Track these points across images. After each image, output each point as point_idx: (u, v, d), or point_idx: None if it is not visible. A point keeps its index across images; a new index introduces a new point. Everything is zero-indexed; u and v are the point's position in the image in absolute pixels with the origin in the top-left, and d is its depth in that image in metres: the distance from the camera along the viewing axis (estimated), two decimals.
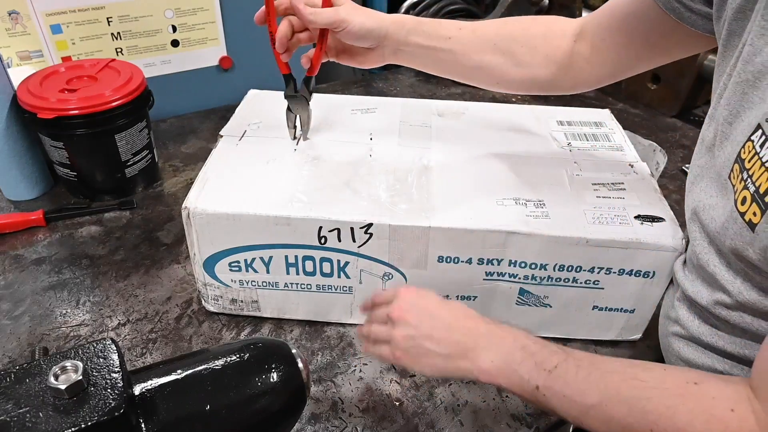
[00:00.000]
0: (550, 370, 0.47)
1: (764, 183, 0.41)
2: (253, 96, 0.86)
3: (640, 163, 0.72)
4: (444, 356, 0.52)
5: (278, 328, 0.70)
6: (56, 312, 0.71)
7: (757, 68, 0.45)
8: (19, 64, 0.98)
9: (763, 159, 0.42)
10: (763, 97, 0.44)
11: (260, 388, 0.43)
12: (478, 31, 0.68)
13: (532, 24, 0.70)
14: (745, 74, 0.46)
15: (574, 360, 0.48)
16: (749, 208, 0.43)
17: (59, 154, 0.85)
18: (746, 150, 0.44)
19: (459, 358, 0.51)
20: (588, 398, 0.46)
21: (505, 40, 0.68)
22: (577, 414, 0.47)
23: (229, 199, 0.63)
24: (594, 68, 0.66)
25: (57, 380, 0.35)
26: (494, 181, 0.68)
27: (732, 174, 0.46)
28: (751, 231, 0.42)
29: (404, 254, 0.63)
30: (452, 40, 0.67)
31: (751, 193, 0.42)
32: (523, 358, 0.49)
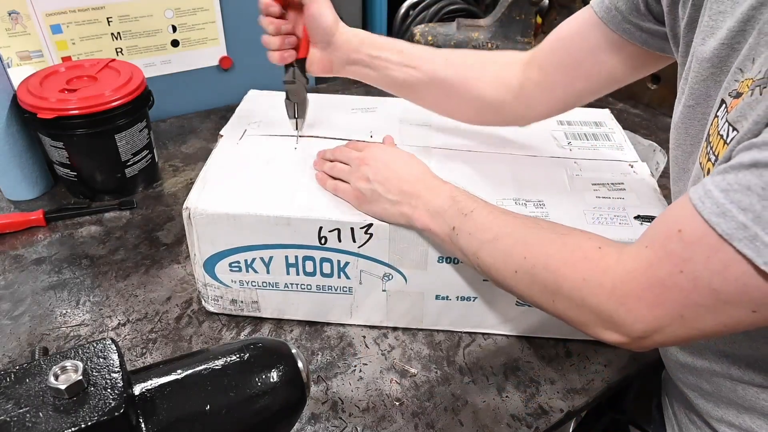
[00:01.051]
0: (467, 214, 0.55)
1: (722, 151, 0.42)
2: (253, 96, 0.86)
3: (640, 163, 0.72)
4: (391, 202, 0.60)
5: (278, 328, 0.70)
6: (56, 312, 0.71)
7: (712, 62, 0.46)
8: (19, 64, 0.98)
9: (719, 128, 0.43)
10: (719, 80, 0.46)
11: (260, 388, 0.43)
12: (430, 50, 0.71)
13: (484, 52, 0.73)
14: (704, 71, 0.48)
15: (490, 207, 0.55)
16: None
17: (59, 154, 0.85)
18: (713, 126, 0.45)
19: (403, 204, 0.59)
20: (487, 234, 0.53)
21: (457, 57, 0.70)
22: (474, 250, 0.54)
23: (229, 199, 0.63)
24: (543, 93, 0.66)
25: (57, 380, 0.35)
26: (494, 181, 0.68)
27: (701, 154, 0.47)
28: None
29: (404, 254, 0.63)
30: (403, 53, 0.69)
31: (713, 163, 0.43)
32: (450, 206, 0.57)
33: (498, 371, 0.66)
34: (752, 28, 0.42)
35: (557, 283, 0.47)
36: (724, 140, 0.42)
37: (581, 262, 0.46)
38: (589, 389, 0.64)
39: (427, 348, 0.68)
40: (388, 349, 0.68)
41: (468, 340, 0.69)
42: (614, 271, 0.43)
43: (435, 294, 0.66)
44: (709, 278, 0.38)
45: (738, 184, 0.36)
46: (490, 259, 0.53)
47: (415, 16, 1.42)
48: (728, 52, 0.45)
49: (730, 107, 0.42)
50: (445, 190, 0.59)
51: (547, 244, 0.49)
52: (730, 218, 0.36)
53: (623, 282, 0.42)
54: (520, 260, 0.50)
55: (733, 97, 0.42)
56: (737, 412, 0.51)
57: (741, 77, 0.42)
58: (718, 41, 0.46)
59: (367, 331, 0.70)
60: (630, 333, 0.43)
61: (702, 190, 0.39)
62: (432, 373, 0.65)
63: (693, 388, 0.56)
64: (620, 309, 0.42)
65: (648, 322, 0.42)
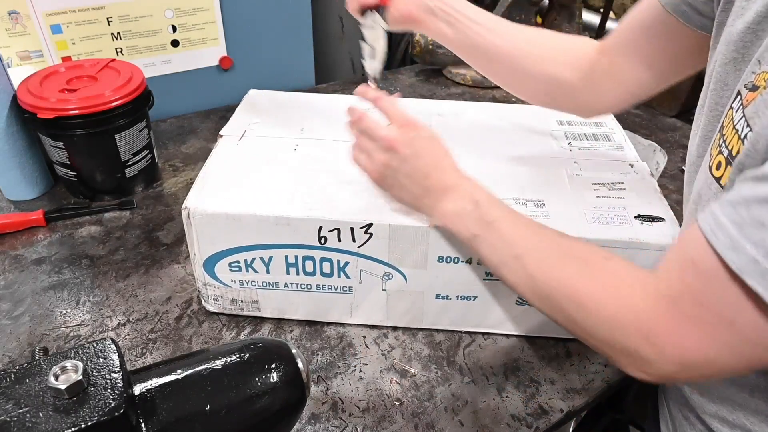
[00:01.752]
0: (490, 222, 0.53)
1: (735, 145, 0.41)
2: (253, 96, 0.86)
3: (640, 163, 0.72)
4: (413, 194, 0.59)
5: (278, 328, 0.70)
6: (56, 312, 0.71)
7: (737, 45, 0.46)
8: (19, 64, 0.98)
9: (735, 122, 0.42)
10: (740, 68, 0.45)
11: (260, 388, 0.43)
12: (507, 22, 0.69)
13: (561, 35, 0.71)
14: (729, 54, 0.47)
15: (514, 217, 0.54)
16: (724, 173, 0.43)
17: (59, 154, 0.85)
18: (727, 118, 0.44)
19: (424, 197, 0.58)
20: (513, 249, 0.52)
21: (537, 34, 0.69)
22: (498, 263, 0.53)
23: (229, 199, 0.63)
24: (612, 83, 0.66)
25: (57, 380, 0.35)
26: (494, 181, 0.67)
27: (713, 144, 0.46)
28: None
29: (404, 254, 0.63)
30: (485, 15, 0.68)
31: (725, 156, 0.43)
32: (473, 210, 0.55)
33: (498, 371, 0.66)
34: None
35: (584, 316, 0.46)
36: (739, 136, 0.41)
37: (611, 299, 0.45)
38: (589, 389, 0.64)
39: (427, 348, 0.68)
40: (388, 349, 0.68)
41: (468, 340, 0.69)
42: (641, 308, 0.42)
43: (435, 293, 0.66)
44: (730, 314, 0.37)
45: (751, 219, 0.36)
46: (514, 277, 0.52)
47: None
48: (752, 38, 0.44)
49: (745, 100, 0.41)
50: (468, 190, 0.57)
51: (575, 274, 0.47)
52: (742, 253, 0.36)
53: (650, 320, 0.42)
54: (546, 286, 0.48)
55: (749, 90, 0.41)
56: (731, 408, 0.51)
57: (758, 69, 0.41)
58: (744, 24, 0.45)
59: (367, 331, 0.70)
60: (656, 372, 0.43)
61: (713, 221, 0.38)
62: (432, 373, 0.65)
63: (687, 384, 0.56)
64: (648, 348, 0.42)
65: (674, 361, 0.41)
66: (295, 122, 0.79)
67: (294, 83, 1.26)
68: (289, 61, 0.71)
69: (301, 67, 1.28)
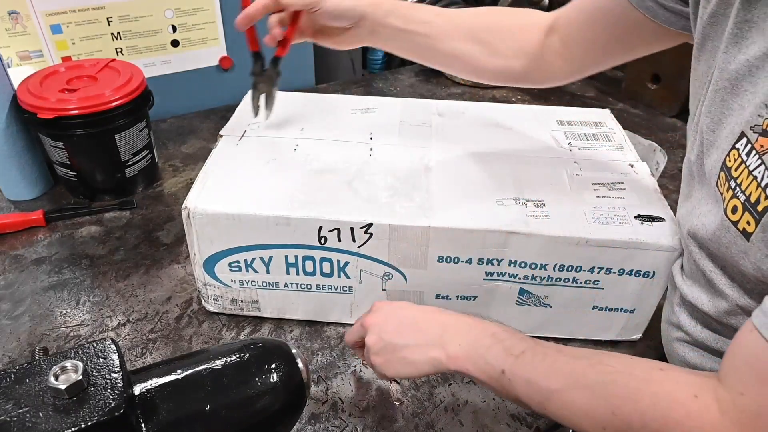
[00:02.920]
0: (517, 356, 0.47)
1: (754, 192, 0.41)
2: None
3: (640, 163, 0.72)
4: (413, 347, 0.51)
5: (278, 328, 0.70)
6: (56, 312, 0.71)
7: (732, 76, 0.45)
8: (19, 64, 0.98)
9: (750, 167, 0.42)
10: (742, 104, 0.44)
11: (260, 388, 0.43)
12: (455, 19, 0.69)
13: (507, 16, 0.71)
14: (722, 82, 0.47)
15: (542, 348, 0.48)
16: (742, 217, 0.43)
17: (59, 154, 0.85)
18: (731, 158, 0.44)
19: (429, 347, 0.51)
20: (552, 383, 0.45)
21: (481, 30, 0.68)
22: (540, 400, 0.46)
23: (229, 199, 0.63)
24: (564, 62, 0.67)
25: (57, 380, 0.35)
26: (494, 181, 0.68)
27: (719, 182, 0.46)
28: (746, 240, 0.42)
29: (404, 254, 0.63)
30: (429, 24, 0.67)
31: (742, 202, 0.42)
32: (492, 344, 0.49)
33: None
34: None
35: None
36: (758, 183, 0.41)
37: (684, 419, 0.40)
38: None
39: None
40: None
41: None
42: (722, 425, 0.39)
43: (435, 293, 0.66)
44: None
45: None
46: (565, 412, 0.45)
47: None
48: (745, 72, 0.44)
49: (757, 145, 0.41)
50: (475, 325, 0.51)
51: (636, 397, 0.42)
52: None
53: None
54: (608, 416, 0.43)
55: (759, 134, 0.41)
56: None
57: (766, 113, 0.41)
58: (743, 56, 0.44)
59: None
60: None
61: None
62: None
63: None
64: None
65: None
66: (295, 122, 0.79)
67: (294, 83, 1.26)
68: (289, 61, 0.71)
69: (301, 67, 1.28)
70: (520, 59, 0.68)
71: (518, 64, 0.68)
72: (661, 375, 0.43)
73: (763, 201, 0.40)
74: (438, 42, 0.68)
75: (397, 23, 0.67)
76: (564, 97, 1.30)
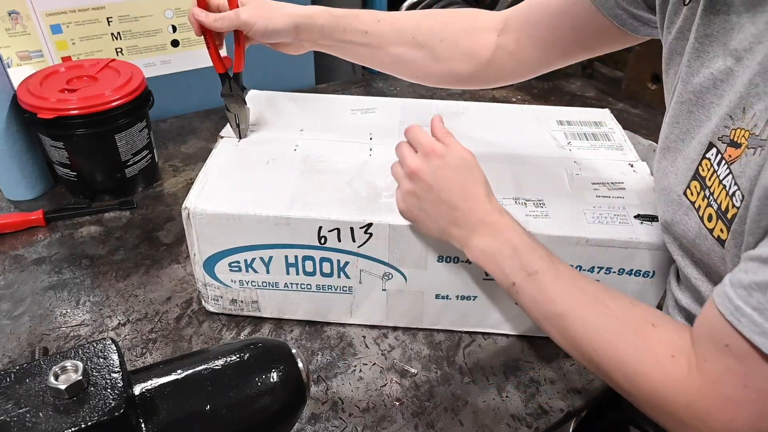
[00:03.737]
0: (530, 273, 0.51)
1: (723, 200, 0.43)
2: (253, 96, 0.86)
3: (640, 162, 0.72)
4: (440, 226, 0.56)
5: (278, 328, 0.70)
6: (56, 312, 0.71)
7: (696, 88, 0.47)
8: (19, 64, 0.99)
9: (720, 177, 0.43)
10: (708, 116, 0.46)
11: (260, 388, 0.43)
12: (397, 24, 0.68)
13: (454, 18, 0.69)
14: (686, 94, 0.48)
15: (555, 271, 0.51)
16: (716, 226, 0.44)
17: (59, 154, 0.85)
18: (704, 168, 0.45)
19: (453, 229, 0.55)
20: (553, 307, 0.50)
21: (424, 34, 0.67)
22: (539, 318, 0.51)
23: (229, 199, 0.63)
24: (518, 63, 0.67)
25: (57, 380, 0.35)
26: (494, 180, 0.67)
27: (689, 190, 0.47)
28: (721, 247, 0.44)
29: (404, 254, 0.63)
30: (369, 34, 0.67)
31: (715, 210, 0.44)
32: (510, 256, 0.52)
33: (498, 371, 0.66)
34: (741, 71, 0.43)
35: (630, 385, 0.46)
36: (726, 192, 0.42)
37: (656, 373, 0.44)
38: (589, 389, 0.64)
39: (427, 348, 0.68)
40: (388, 349, 0.68)
41: (468, 340, 0.69)
42: (687, 386, 0.42)
43: (435, 293, 0.66)
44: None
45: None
46: (557, 334, 0.50)
47: None
48: (709, 85, 0.46)
49: (726, 155, 0.42)
50: (503, 230, 0.53)
51: (620, 343, 0.46)
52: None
53: (696, 399, 0.42)
54: (591, 351, 0.47)
55: (727, 144, 0.43)
56: None
57: (731, 124, 0.42)
58: (706, 70, 0.46)
59: (367, 331, 0.70)
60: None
61: (731, 304, 0.38)
62: (432, 373, 0.65)
63: None
64: (697, 422, 0.42)
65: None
66: (295, 122, 0.79)
67: (294, 83, 1.26)
68: (289, 61, 0.72)
69: (301, 67, 1.28)
70: (469, 62, 0.68)
71: (466, 67, 0.68)
72: (650, 331, 0.46)
73: (731, 209, 0.42)
74: (378, 50, 0.68)
75: (334, 34, 0.67)
76: (564, 97, 1.30)
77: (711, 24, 0.46)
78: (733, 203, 0.42)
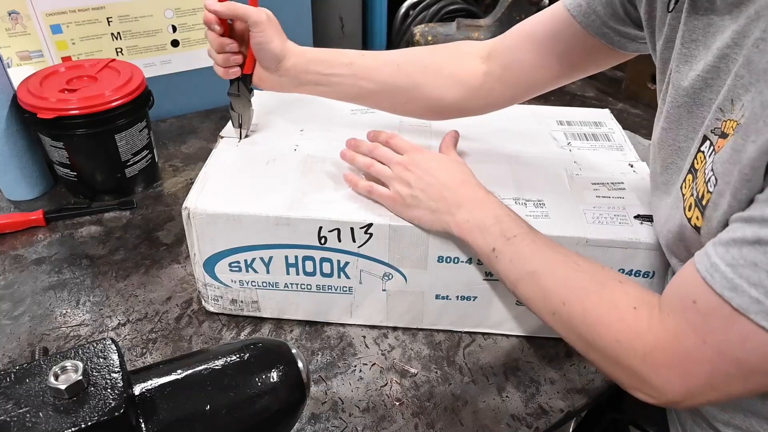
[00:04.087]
0: (509, 238, 0.54)
1: (701, 188, 0.44)
2: (254, 96, 0.86)
3: (640, 163, 0.72)
4: (431, 209, 0.59)
5: (278, 328, 0.70)
6: (56, 312, 0.71)
7: (689, 91, 0.48)
8: (19, 64, 0.98)
9: (706, 168, 0.44)
10: (700, 113, 0.47)
11: (260, 388, 0.43)
12: (381, 56, 0.70)
13: (437, 48, 0.72)
14: (680, 98, 0.49)
15: (532, 236, 0.54)
16: (694, 213, 0.45)
17: (59, 154, 0.85)
18: (698, 161, 0.46)
19: (443, 212, 0.59)
20: (527, 266, 0.52)
21: (409, 63, 0.69)
22: (514, 279, 0.53)
23: (229, 199, 0.63)
24: (506, 88, 0.68)
25: (57, 380, 0.35)
26: (494, 180, 0.67)
27: (684, 184, 0.48)
28: (698, 234, 0.45)
29: (404, 254, 0.63)
30: (353, 65, 0.69)
31: (695, 198, 0.45)
32: (492, 224, 0.55)
33: (498, 371, 0.66)
34: (727, 67, 0.44)
35: (592, 338, 0.47)
36: (705, 179, 0.43)
37: (616, 323, 0.45)
38: (589, 389, 0.64)
39: (427, 348, 0.68)
40: (388, 349, 0.68)
41: (468, 340, 0.69)
42: (645, 337, 0.43)
43: (435, 293, 0.66)
44: (732, 349, 0.38)
45: (744, 260, 0.37)
46: (529, 292, 0.52)
47: (415, 16, 1.42)
48: (702, 85, 0.47)
49: (717, 146, 0.43)
50: (489, 204, 0.58)
51: (586, 295, 0.48)
52: (742, 293, 0.37)
53: (654, 350, 0.43)
54: (559, 304, 0.49)
55: (719, 136, 0.43)
56: (744, 416, 0.51)
57: (722, 116, 0.43)
58: (693, 73, 0.47)
59: (367, 331, 0.70)
60: (662, 396, 0.43)
61: (708, 262, 0.39)
62: (432, 373, 0.65)
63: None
64: (652, 375, 0.43)
65: (679, 389, 0.42)
66: (295, 122, 0.79)
67: None
68: None
69: None
70: (455, 88, 0.69)
71: (453, 93, 0.69)
72: (616, 285, 0.48)
73: (706, 195, 0.43)
74: (363, 80, 0.69)
75: (319, 68, 0.69)
76: (564, 97, 1.30)
77: (695, 29, 0.47)
78: (707, 189, 0.43)
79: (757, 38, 0.40)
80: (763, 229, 0.36)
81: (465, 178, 0.61)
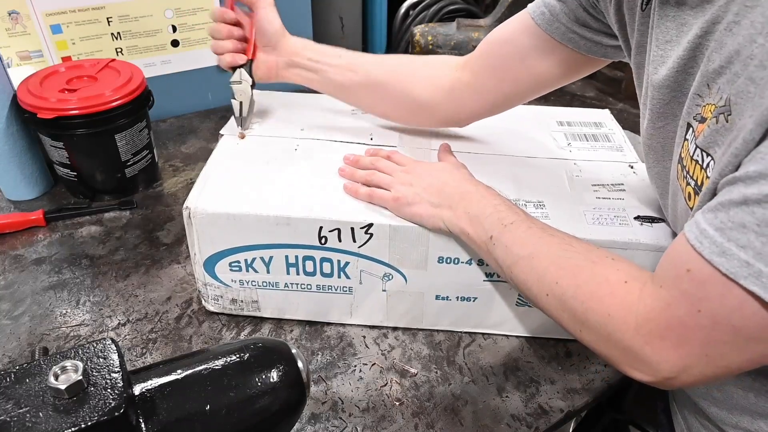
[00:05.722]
0: (506, 225, 0.55)
1: (699, 175, 0.44)
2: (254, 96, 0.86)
3: (640, 163, 0.72)
4: (432, 204, 0.60)
5: (278, 328, 0.70)
6: (56, 312, 0.71)
7: (667, 88, 0.49)
8: (19, 64, 0.98)
9: (691, 153, 0.44)
10: (681, 104, 0.48)
11: (260, 388, 0.43)
12: (366, 54, 0.75)
13: (423, 57, 0.77)
14: (660, 97, 0.50)
15: (529, 222, 0.55)
16: (694, 202, 0.45)
17: (59, 154, 0.85)
18: (684, 149, 0.46)
19: (443, 207, 0.60)
20: (523, 250, 0.53)
21: (393, 62, 0.74)
22: (510, 263, 0.54)
23: (229, 199, 0.63)
24: (474, 92, 0.70)
25: (57, 380, 0.35)
26: (494, 181, 0.67)
27: (678, 175, 0.48)
28: None
29: (404, 254, 0.63)
30: (342, 57, 0.74)
31: (693, 187, 0.45)
32: (491, 213, 0.57)
33: (498, 371, 0.66)
34: (701, 54, 0.44)
35: (585, 315, 0.47)
36: (700, 166, 0.43)
37: (607, 297, 0.45)
38: (589, 389, 0.64)
39: (427, 348, 0.68)
40: (388, 349, 0.68)
41: (468, 340, 0.69)
42: (637, 309, 0.43)
43: (435, 294, 0.66)
44: (727, 316, 0.38)
45: (731, 222, 0.37)
46: (524, 276, 0.53)
47: (415, 16, 1.43)
48: (683, 77, 0.47)
49: (697, 132, 0.43)
50: (487, 196, 0.59)
51: (578, 272, 0.49)
52: (732, 257, 0.36)
53: (646, 321, 0.42)
54: (552, 284, 0.49)
55: (698, 122, 0.44)
56: (751, 418, 0.50)
57: (701, 102, 0.44)
58: (670, 69, 0.48)
59: (367, 331, 0.70)
60: (657, 373, 0.43)
61: (697, 229, 0.39)
62: (432, 373, 0.65)
63: (704, 397, 0.55)
64: (645, 348, 0.42)
65: (674, 362, 0.41)
66: (295, 122, 0.79)
67: (294, 83, 1.26)
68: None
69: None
70: (429, 89, 0.72)
71: (426, 93, 0.72)
72: (608, 262, 0.49)
73: (705, 182, 0.42)
74: (348, 71, 0.73)
75: (311, 54, 0.74)
76: (564, 98, 1.30)
77: (668, 30, 0.48)
78: (707, 175, 0.42)
79: (730, 21, 0.40)
80: (749, 188, 0.36)
81: (465, 176, 0.64)
